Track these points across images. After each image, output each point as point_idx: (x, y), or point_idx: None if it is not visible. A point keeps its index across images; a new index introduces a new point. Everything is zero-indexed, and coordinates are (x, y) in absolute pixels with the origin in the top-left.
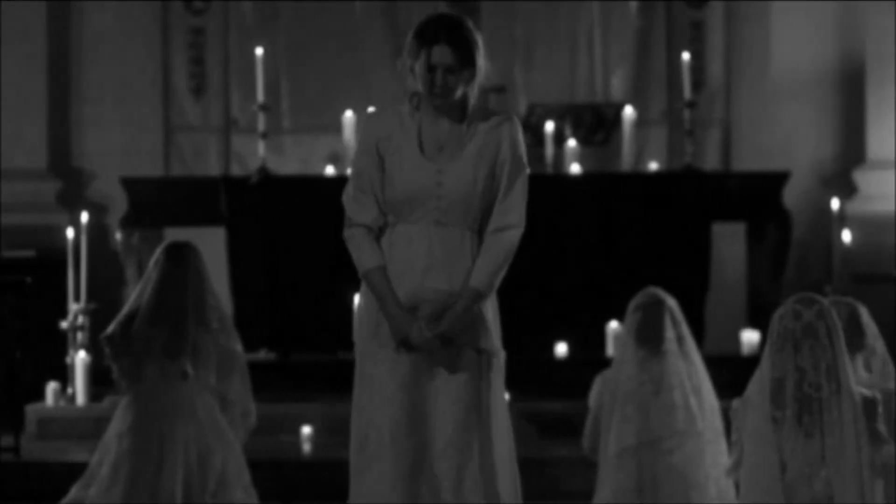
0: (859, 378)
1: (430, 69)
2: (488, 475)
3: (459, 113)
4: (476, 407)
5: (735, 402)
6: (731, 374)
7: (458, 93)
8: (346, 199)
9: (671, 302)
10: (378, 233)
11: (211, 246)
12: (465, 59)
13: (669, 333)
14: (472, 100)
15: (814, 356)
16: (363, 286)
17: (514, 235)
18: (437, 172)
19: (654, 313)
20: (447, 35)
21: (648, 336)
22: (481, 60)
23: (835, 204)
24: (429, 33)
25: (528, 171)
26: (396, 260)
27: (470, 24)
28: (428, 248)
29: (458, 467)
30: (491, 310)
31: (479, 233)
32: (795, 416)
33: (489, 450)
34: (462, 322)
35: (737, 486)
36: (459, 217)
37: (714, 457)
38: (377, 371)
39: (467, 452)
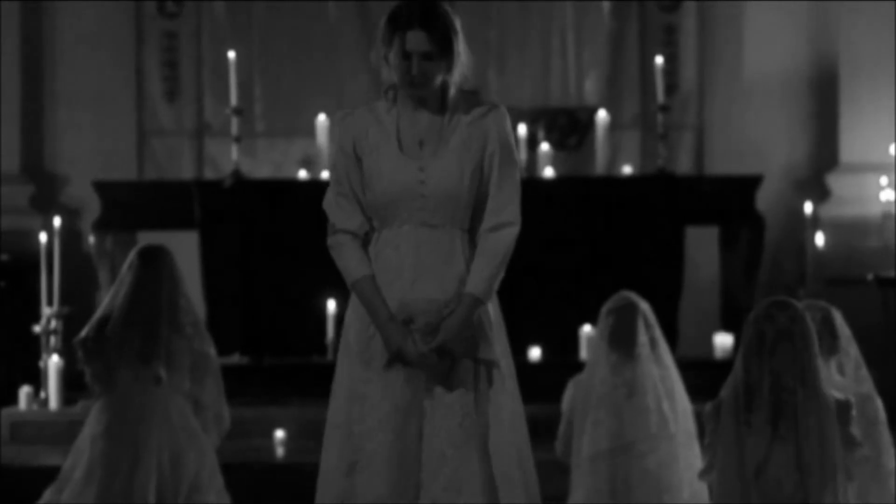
0: (833, 382)
1: (406, 56)
2: (490, 495)
3: (439, 104)
4: (473, 424)
5: (708, 406)
6: (704, 377)
7: (437, 81)
8: (328, 205)
9: (644, 306)
10: (365, 239)
11: (184, 249)
12: (443, 45)
13: (642, 337)
14: (453, 89)
15: (787, 360)
16: (352, 297)
17: (511, 234)
18: (419, 170)
19: (627, 317)
20: (422, 19)
21: (621, 340)
22: (460, 46)
23: (808, 207)
24: (402, 18)
25: (519, 163)
26: (384, 268)
27: (446, 7)
28: (416, 253)
29: (457, 490)
30: (492, 314)
31: (471, 232)
32: (769, 420)
33: (488, 469)
34: (460, 333)
35: (710, 489)
36: (448, 217)
37: (687, 460)
38: (369, 390)
39: (465, 472)
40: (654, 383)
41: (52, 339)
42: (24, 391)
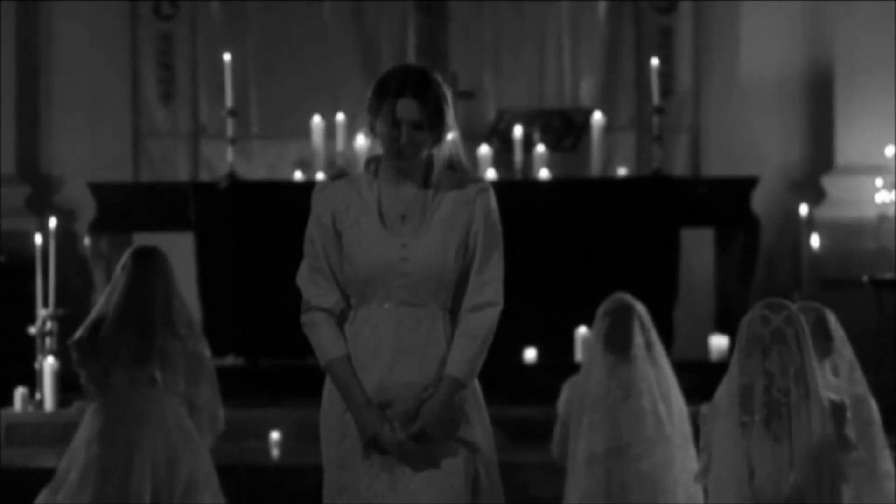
0: (827, 383)
1: (394, 125)
2: None
3: (424, 177)
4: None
5: (703, 408)
6: (699, 379)
7: (424, 154)
8: (302, 280)
9: (640, 307)
10: (340, 317)
11: (179, 251)
12: (434, 115)
13: (638, 339)
14: (439, 163)
15: (782, 361)
16: (327, 380)
17: (493, 314)
18: (402, 246)
19: (622, 319)
20: (414, 88)
21: (617, 342)
22: (451, 118)
23: (803, 209)
24: (393, 86)
25: (501, 243)
26: (361, 349)
27: (438, 77)
28: (396, 333)
29: None
30: (469, 398)
31: (452, 312)
32: (764, 421)
33: None
34: (440, 418)
35: (705, 491)
36: (430, 295)
37: (683, 462)
38: (349, 482)
39: None
40: (649, 385)
41: (48, 341)
42: (20, 392)
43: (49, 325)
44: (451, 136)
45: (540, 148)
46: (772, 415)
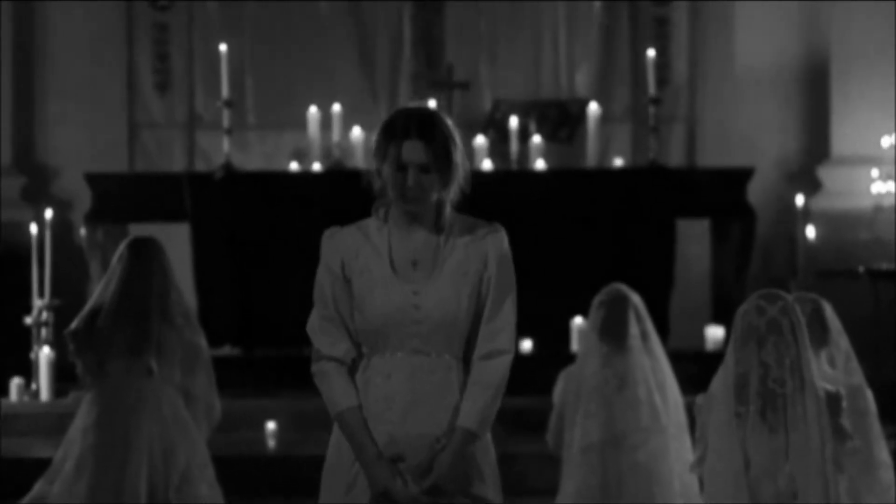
0: (823, 374)
1: (401, 168)
2: None
3: (435, 221)
4: None
5: (699, 398)
6: (695, 369)
7: (433, 197)
8: (312, 330)
9: (635, 298)
10: (352, 366)
11: (175, 241)
12: (441, 157)
13: (634, 329)
14: (449, 206)
15: (778, 352)
16: (335, 430)
17: (505, 362)
18: (414, 294)
19: (618, 309)
20: (420, 129)
21: (612, 332)
22: (459, 157)
23: (799, 200)
24: (398, 128)
25: (515, 288)
26: (373, 399)
27: (445, 117)
28: (409, 383)
29: None
30: (481, 451)
31: (465, 360)
32: (759, 412)
33: None
34: (453, 471)
35: (700, 482)
36: (443, 344)
37: (678, 452)
38: None
39: None
40: (645, 375)
41: (44, 331)
42: (16, 383)
43: (45, 315)
44: (459, 175)
45: (536, 139)
46: (767, 405)
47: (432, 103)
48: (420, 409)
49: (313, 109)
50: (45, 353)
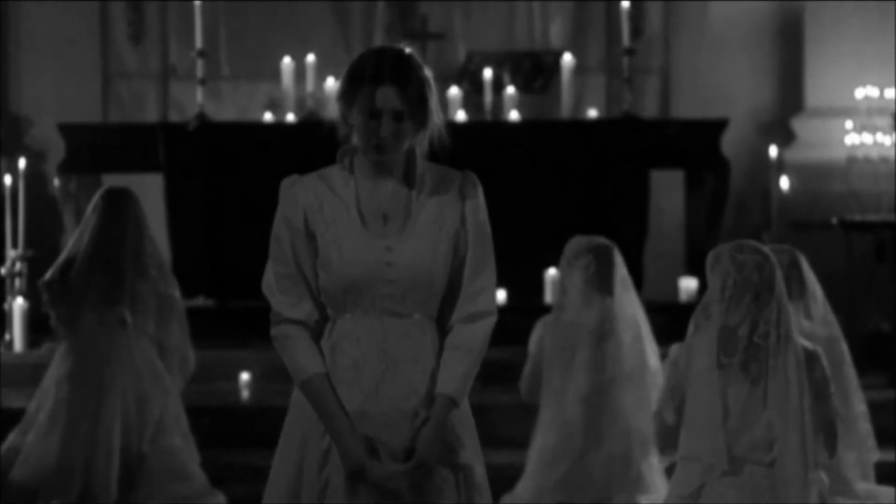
0: (800, 326)
1: (372, 115)
2: None
3: (405, 172)
4: None
5: (675, 347)
6: (669, 320)
7: (405, 146)
8: (269, 289)
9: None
10: (316, 329)
11: (149, 192)
12: (416, 104)
13: (617, 277)
14: (421, 155)
15: (768, 307)
16: (295, 399)
17: (488, 326)
18: (386, 250)
19: (605, 258)
20: (393, 74)
21: (599, 280)
22: (434, 104)
23: (773, 151)
24: (369, 72)
25: (492, 245)
26: (342, 366)
27: (419, 58)
28: (381, 348)
29: None
30: (459, 416)
31: (439, 322)
32: (741, 364)
33: None
34: (437, 444)
35: (662, 430)
36: (418, 304)
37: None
38: None
39: None
40: (629, 323)
41: (17, 282)
42: None
43: (18, 266)
44: (435, 122)
45: (510, 90)
46: (750, 359)
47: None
48: (393, 376)
49: (287, 60)
50: (18, 303)
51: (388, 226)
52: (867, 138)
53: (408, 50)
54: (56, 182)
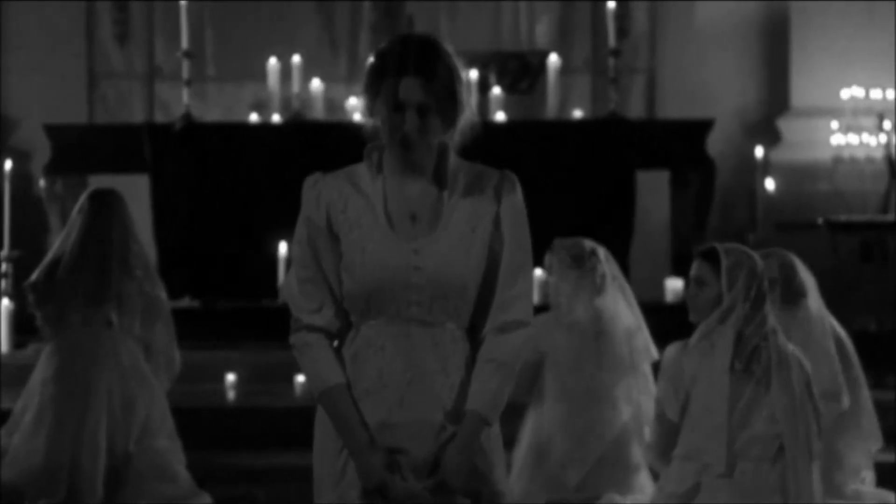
0: (794, 335)
1: (397, 108)
2: None
3: (436, 170)
4: None
5: (673, 348)
6: (655, 320)
7: (435, 141)
8: (289, 293)
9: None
10: (338, 337)
11: (135, 193)
12: (444, 96)
13: (608, 276)
14: (452, 152)
15: (772, 309)
16: (318, 413)
17: (523, 336)
18: (414, 253)
19: (593, 258)
20: (419, 64)
21: (590, 280)
22: (465, 94)
23: (759, 151)
24: (393, 61)
25: (531, 249)
26: (365, 376)
27: (447, 46)
28: (407, 358)
29: None
30: (489, 437)
31: (471, 332)
32: (745, 366)
33: None
34: (464, 464)
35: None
36: (448, 312)
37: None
38: None
39: None
40: (622, 321)
41: (3, 283)
42: None
43: (4, 266)
44: (466, 115)
45: (496, 90)
46: (754, 359)
47: None
48: (419, 388)
49: (273, 61)
50: (4, 304)
51: (416, 227)
52: (853, 138)
53: (434, 37)
54: (42, 183)
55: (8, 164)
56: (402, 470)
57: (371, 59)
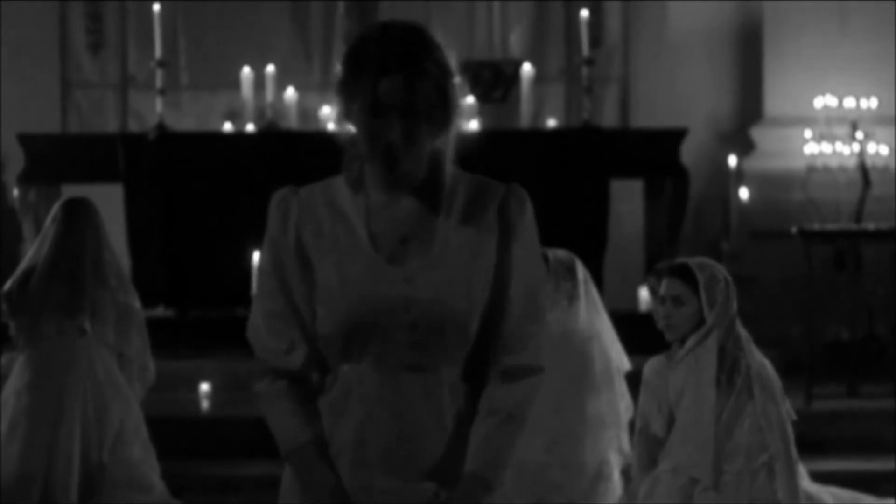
0: None
1: (377, 113)
2: None
3: (429, 184)
4: None
5: (654, 361)
6: (628, 330)
7: (425, 150)
8: (255, 332)
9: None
10: (311, 384)
11: (108, 202)
12: (433, 96)
13: (581, 285)
14: (448, 162)
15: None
16: (287, 475)
17: (534, 385)
18: (404, 282)
19: (566, 268)
20: (402, 59)
21: (564, 290)
22: (456, 95)
23: (732, 161)
24: (371, 57)
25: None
26: (343, 429)
27: (433, 36)
28: (394, 411)
29: None
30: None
31: (470, 378)
32: (728, 378)
33: None
34: None
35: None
36: (444, 353)
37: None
38: None
39: None
40: (597, 329)
41: None
42: None
43: None
44: (459, 117)
45: (469, 99)
46: (735, 370)
47: None
48: (408, 447)
49: (246, 70)
50: None
51: (407, 252)
52: (826, 147)
53: (419, 26)
54: (15, 192)
55: None
56: None
57: (345, 53)
